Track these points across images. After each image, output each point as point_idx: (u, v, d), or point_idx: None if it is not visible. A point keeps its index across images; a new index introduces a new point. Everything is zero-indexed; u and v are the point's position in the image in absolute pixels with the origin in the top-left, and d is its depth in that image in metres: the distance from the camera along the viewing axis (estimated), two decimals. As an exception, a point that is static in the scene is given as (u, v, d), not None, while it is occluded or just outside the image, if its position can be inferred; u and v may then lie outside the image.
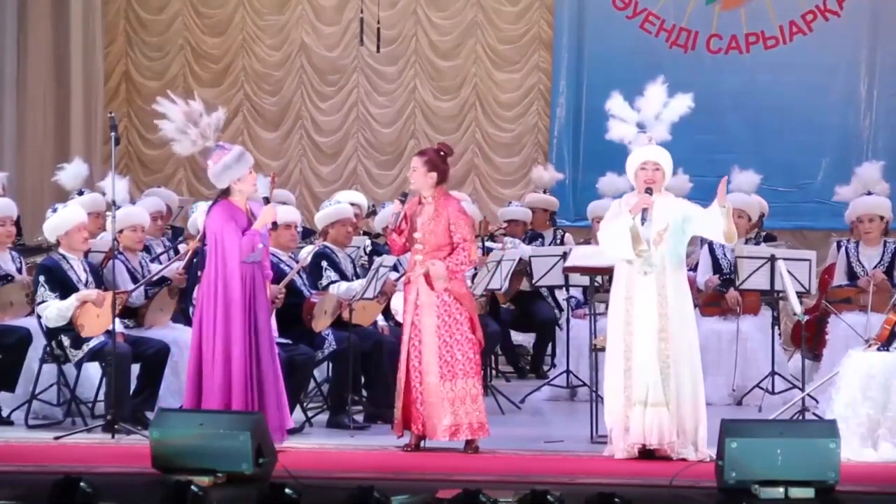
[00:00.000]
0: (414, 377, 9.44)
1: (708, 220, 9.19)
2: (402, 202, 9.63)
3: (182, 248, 11.53)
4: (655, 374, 9.04)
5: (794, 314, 10.52)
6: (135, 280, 10.80)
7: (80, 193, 11.71)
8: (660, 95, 9.38)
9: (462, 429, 9.37)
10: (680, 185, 12.48)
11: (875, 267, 11.73)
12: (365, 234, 13.03)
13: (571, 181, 16.36)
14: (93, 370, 10.52)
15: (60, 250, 10.37)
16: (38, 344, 10.37)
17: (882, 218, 11.95)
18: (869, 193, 12.15)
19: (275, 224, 9.70)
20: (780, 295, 11.46)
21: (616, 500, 7.11)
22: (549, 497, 7.13)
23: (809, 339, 11.86)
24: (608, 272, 9.84)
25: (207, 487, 7.65)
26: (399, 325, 11.07)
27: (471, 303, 9.63)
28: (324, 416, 10.61)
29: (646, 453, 9.06)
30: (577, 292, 12.61)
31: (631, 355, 9.13)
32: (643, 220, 9.10)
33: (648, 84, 9.44)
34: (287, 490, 7.26)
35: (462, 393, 9.39)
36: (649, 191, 9.18)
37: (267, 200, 9.55)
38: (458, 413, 9.37)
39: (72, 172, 12.19)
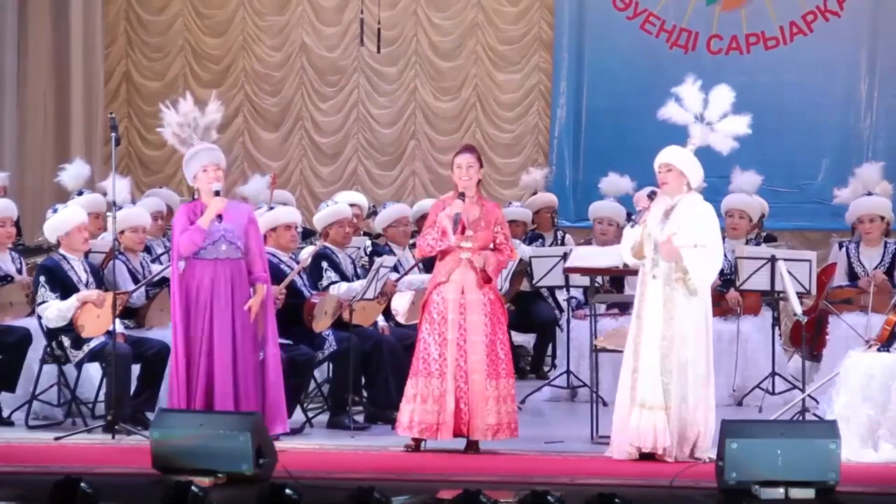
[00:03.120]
0: (459, 377, 9.28)
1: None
2: (463, 202, 9.38)
3: (182, 248, 11.52)
4: (656, 377, 9.02)
5: (795, 315, 10.51)
6: (135, 280, 10.80)
7: (80, 194, 11.70)
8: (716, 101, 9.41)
9: (503, 428, 9.32)
10: (685, 186, 12.47)
11: (875, 267, 11.72)
12: (365, 234, 13.02)
13: (572, 182, 16.36)
14: (93, 370, 10.51)
15: (61, 251, 10.36)
16: (39, 344, 10.36)
17: (882, 218, 11.93)
18: (869, 194, 12.14)
19: (220, 217, 9.29)
20: (781, 295, 11.46)
21: (616, 500, 7.10)
22: (549, 497, 7.13)
23: (809, 339, 11.85)
24: (609, 273, 9.83)
25: (207, 488, 7.64)
26: (399, 325, 11.08)
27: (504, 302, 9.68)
28: (324, 417, 10.60)
29: (644, 455, 9.03)
30: (577, 293, 12.60)
31: (639, 357, 9.13)
32: (633, 221, 9.12)
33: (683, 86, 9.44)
34: (287, 490, 7.24)
35: (504, 392, 9.35)
36: (653, 193, 9.20)
37: (217, 193, 9.40)
38: (501, 412, 9.32)
39: (73, 173, 12.19)
